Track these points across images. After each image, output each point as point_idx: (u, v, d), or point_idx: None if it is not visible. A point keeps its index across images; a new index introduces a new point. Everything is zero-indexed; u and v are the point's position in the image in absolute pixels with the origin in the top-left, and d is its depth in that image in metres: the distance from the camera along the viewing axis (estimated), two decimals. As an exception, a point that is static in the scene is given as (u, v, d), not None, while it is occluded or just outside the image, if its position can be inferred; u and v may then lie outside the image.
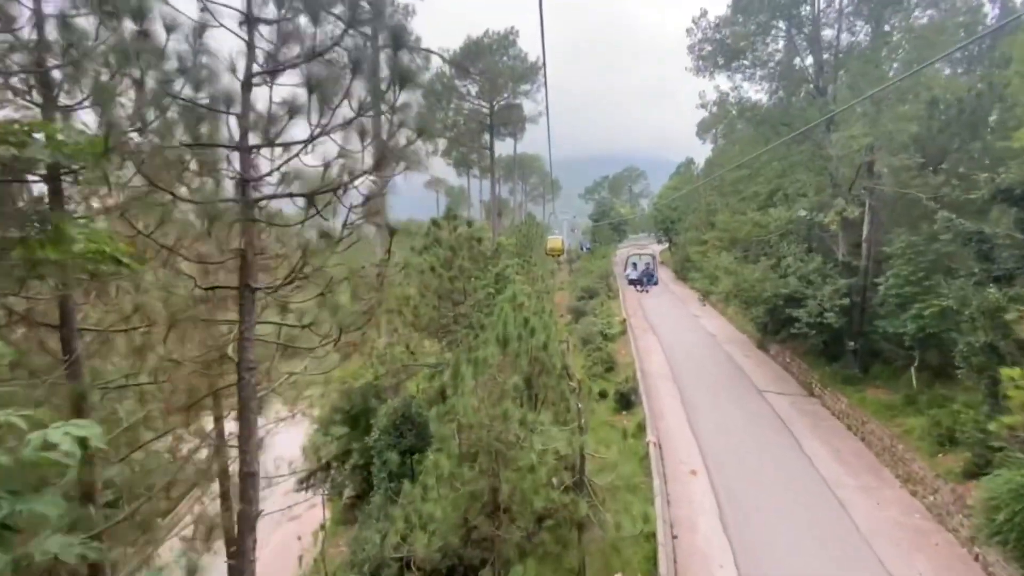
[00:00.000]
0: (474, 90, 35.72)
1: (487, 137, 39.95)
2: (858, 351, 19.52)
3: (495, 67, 32.99)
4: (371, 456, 15.57)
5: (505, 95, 36.60)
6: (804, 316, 17.70)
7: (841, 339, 19.88)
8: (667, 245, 59.74)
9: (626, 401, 20.83)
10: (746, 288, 18.85)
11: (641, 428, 18.53)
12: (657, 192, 76.55)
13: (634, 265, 24.38)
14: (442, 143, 38.46)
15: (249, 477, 5.75)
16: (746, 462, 16.22)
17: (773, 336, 23.91)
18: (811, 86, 17.62)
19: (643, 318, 34.17)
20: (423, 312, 13.54)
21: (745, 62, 18.69)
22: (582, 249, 52.25)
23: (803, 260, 18.44)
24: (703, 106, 19.50)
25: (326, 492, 19.99)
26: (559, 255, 35.98)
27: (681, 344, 28.19)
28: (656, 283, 24.46)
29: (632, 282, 24.13)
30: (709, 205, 39.34)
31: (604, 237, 66.45)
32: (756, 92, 19.41)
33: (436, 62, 28.76)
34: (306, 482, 20.22)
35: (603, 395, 22.46)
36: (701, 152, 72.69)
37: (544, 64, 14.17)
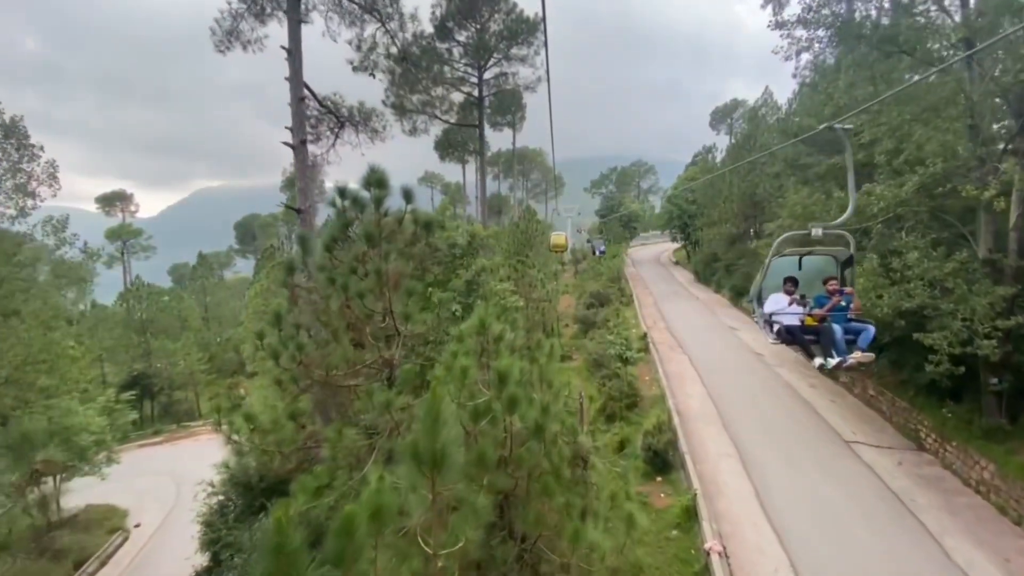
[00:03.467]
0: (458, 52, 29.56)
1: (476, 116, 33.73)
2: (1004, 391, 13.28)
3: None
4: None
5: (497, 57, 30.34)
6: (944, 344, 11.46)
7: (971, 370, 13.63)
8: (682, 244, 53.32)
9: (661, 460, 14.64)
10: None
11: (688, 514, 12.33)
12: (669, 186, 70.04)
13: (793, 284, 7.30)
14: (421, 119, 32.00)
15: None
16: (870, 585, 10.04)
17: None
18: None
19: (667, 331, 27.97)
20: (317, 355, 7.42)
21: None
22: (595, 253, 44.35)
23: (931, 258, 12.19)
24: (779, 26, 13.38)
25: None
26: (563, 251, 31.20)
27: (721, 367, 21.95)
28: (873, 339, 6.78)
29: (798, 340, 6.84)
30: (742, 193, 33.15)
31: (616, 235, 59.90)
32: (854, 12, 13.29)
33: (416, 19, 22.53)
34: (203, 581, 14.13)
35: (624, 445, 16.34)
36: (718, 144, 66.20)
37: (544, 18, 8.22)
